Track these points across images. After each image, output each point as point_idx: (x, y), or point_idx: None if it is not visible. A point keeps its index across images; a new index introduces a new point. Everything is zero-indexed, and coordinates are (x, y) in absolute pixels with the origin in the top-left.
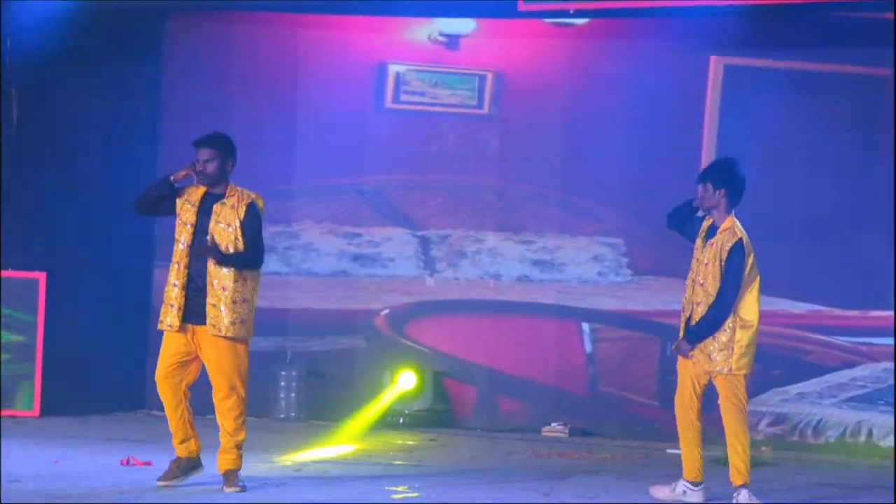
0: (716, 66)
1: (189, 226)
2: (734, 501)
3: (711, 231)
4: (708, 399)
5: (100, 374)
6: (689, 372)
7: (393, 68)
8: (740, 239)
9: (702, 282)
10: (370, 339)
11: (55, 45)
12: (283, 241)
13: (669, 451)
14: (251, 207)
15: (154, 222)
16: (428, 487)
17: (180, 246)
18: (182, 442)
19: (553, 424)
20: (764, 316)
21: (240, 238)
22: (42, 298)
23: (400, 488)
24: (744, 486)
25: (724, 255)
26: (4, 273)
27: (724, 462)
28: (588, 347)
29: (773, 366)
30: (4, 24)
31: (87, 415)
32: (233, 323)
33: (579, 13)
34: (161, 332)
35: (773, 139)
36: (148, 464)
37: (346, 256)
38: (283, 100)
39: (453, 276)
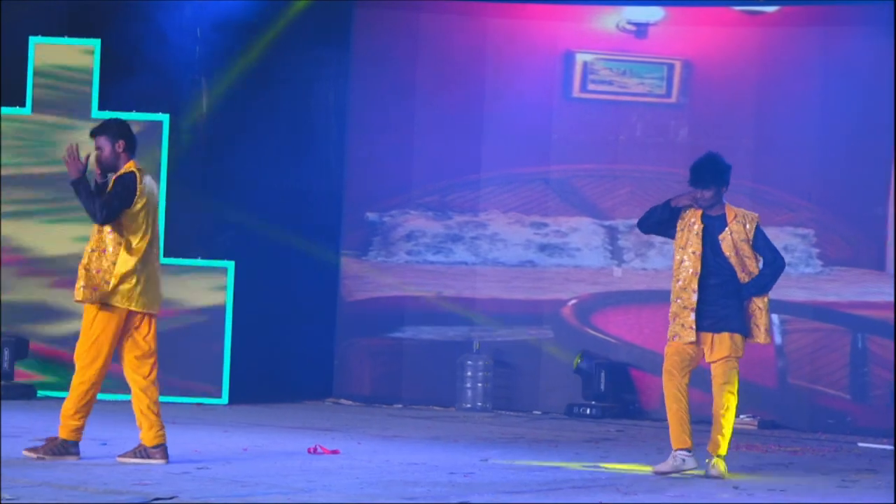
0: None
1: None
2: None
3: (713, 222)
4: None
5: (288, 363)
6: (687, 356)
7: (580, 57)
8: (758, 219)
9: (741, 269)
10: (557, 330)
11: (244, 34)
12: (470, 230)
13: (861, 444)
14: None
15: (342, 211)
16: (615, 478)
17: None
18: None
19: (742, 416)
20: None
21: None
22: (231, 287)
23: (586, 479)
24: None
25: (752, 234)
26: (195, 261)
27: None
28: (778, 339)
29: None
30: (195, 16)
31: (275, 403)
32: None
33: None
34: None
35: None
36: (335, 452)
37: (533, 246)
38: (470, 89)
39: (641, 267)
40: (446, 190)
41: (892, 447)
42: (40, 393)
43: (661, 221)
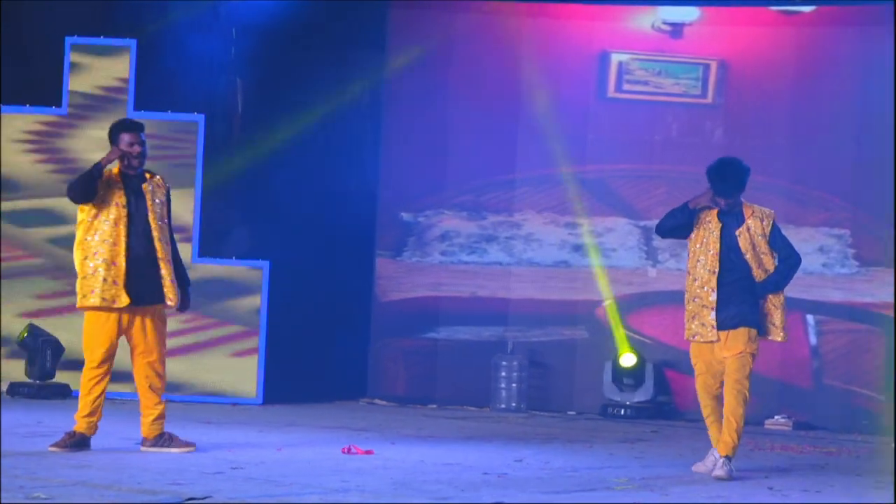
0: None
1: None
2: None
3: (729, 220)
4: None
5: (322, 363)
6: (712, 356)
7: (616, 57)
8: (774, 215)
9: (758, 265)
10: (592, 330)
11: (278, 35)
12: (505, 230)
13: None
14: None
15: (377, 210)
16: (650, 479)
17: None
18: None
19: (776, 417)
20: None
21: None
22: (266, 288)
23: (621, 479)
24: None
25: (769, 230)
26: (230, 262)
27: None
28: (813, 340)
29: None
30: (230, 17)
31: (309, 403)
32: None
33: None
34: None
35: None
36: (369, 452)
37: (568, 246)
38: (505, 89)
39: (676, 267)
40: (481, 190)
41: None
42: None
43: (680, 225)
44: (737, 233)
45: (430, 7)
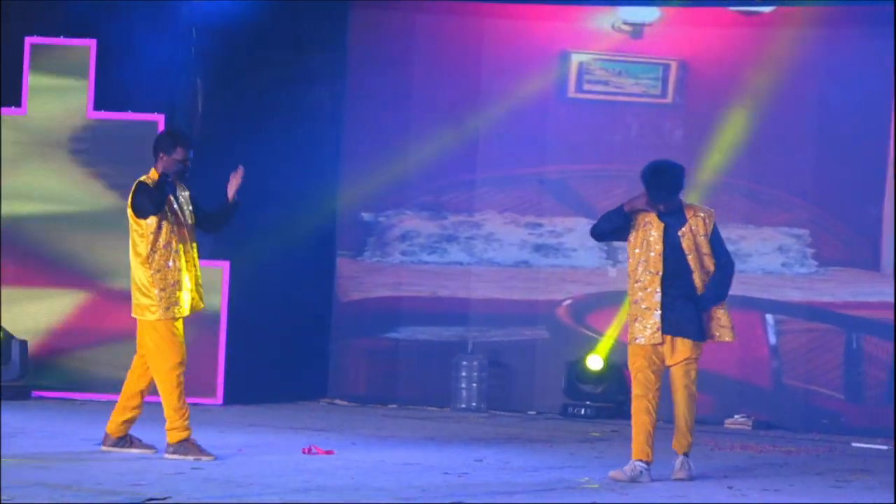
0: None
1: None
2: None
3: (671, 220)
4: None
5: (283, 363)
6: (654, 354)
7: (576, 57)
8: (714, 214)
9: (699, 266)
10: (552, 330)
11: (239, 35)
12: (465, 230)
13: (855, 444)
14: None
15: (337, 212)
16: (610, 479)
17: None
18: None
19: (736, 416)
20: None
21: None
22: (226, 288)
23: (582, 479)
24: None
25: (710, 230)
26: None
27: None
28: (772, 339)
29: None
30: (190, 17)
31: (270, 403)
32: None
33: (767, 0)
34: None
35: None
36: (330, 452)
37: (528, 247)
38: (466, 89)
39: None
40: (441, 190)
41: (886, 447)
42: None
43: (618, 228)
44: (679, 233)
45: (391, 7)
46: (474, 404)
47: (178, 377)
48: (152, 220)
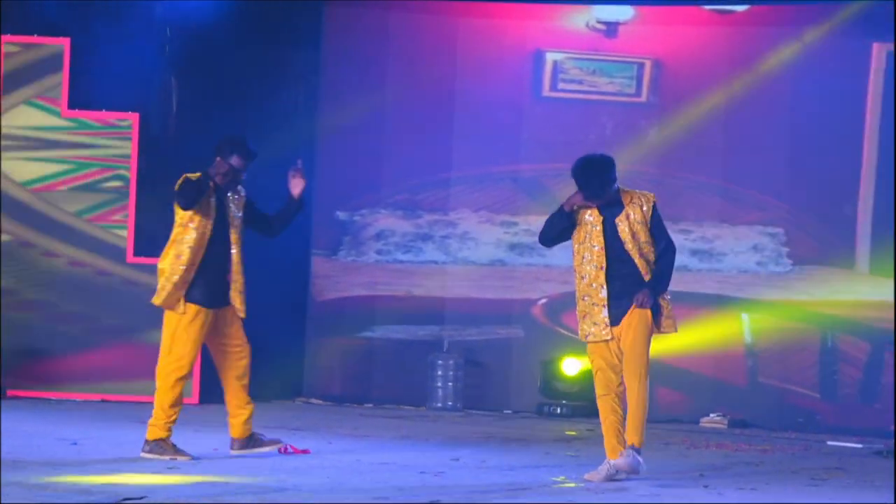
0: (878, 53)
1: None
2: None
3: (609, 211)
4: None
5: (258, 362)
6: (609, 352)
7: (550, 56)
8: (654, 199)
9: (639, 254)
10: (527, 329)
11: (213, 34)
12: (441, 229)
13: (830, 442)
14: None
15: (312, 211)
16: (585, 480)
17: None
18: None
19: (711, 415)
20: None
21: None
22: None
23: (559, 478)
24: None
25: (650, 216)
26: None
27: (885, 455)
28: (747, 338)
29: None
30: (164, 14)
31: None
32: None
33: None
34: None
35: None
36: (305, 452)
37: (503, 245)
38: (441, 88)
39: None
40: (416, 189)
41: (860, 445)
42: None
43: (564, 229)
44: (617, 220)
45: (365, 5)
46: (450, 403)
47: (177, 380)
48: (187, 213)
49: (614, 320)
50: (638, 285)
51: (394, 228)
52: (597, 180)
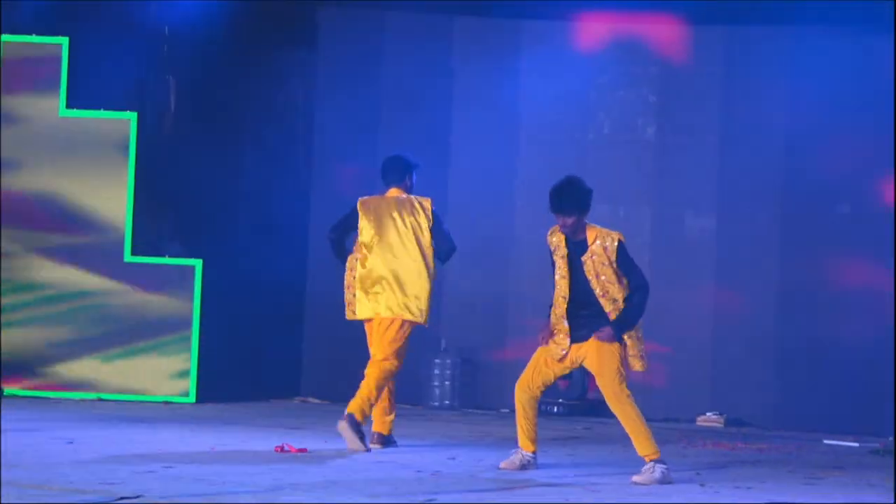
0: None
1: None
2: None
3: (575, 247)
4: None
5: (256, 361)
6: (553, 363)
7: None
8: (620, 237)
9: (602, 293)
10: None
11: (212, 33)
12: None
13: (827, 441)
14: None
15: (309, 209)
16: (582, 476)
17: None
18: None
19: (708, 414)
20: None
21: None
22: (199, 285)
23: (553, 477)
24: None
25: (614, 256)
26: (162, 259)
27: (882, 453)
28: (744, 336)
29: None
30: (162, 15)
31: (242, 401)
32: None
33: None
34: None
35: None
36: (303, 450)
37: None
38: (438, 85)
39: None
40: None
41: (857, 444)
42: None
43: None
44: (582, 258)
45: (361, 5)
46: (447, 402)
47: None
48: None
49: (575, 340)
50: (600, 321)
51: None
52: (570, 199)
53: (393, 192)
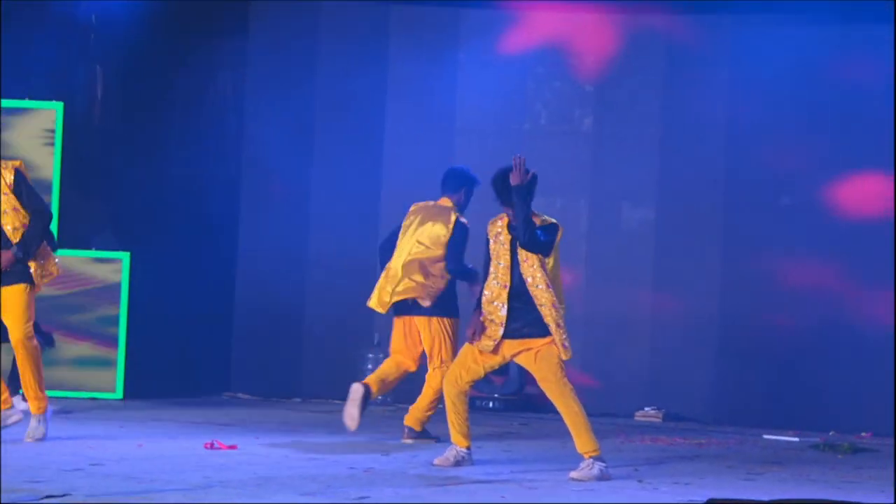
0: None
1: None
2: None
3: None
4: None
5: (184, 357)
6: (480, 356)
7: None
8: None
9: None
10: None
11: (140, 23)
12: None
13: (766, 436)
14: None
15: (239, 203)
16: (518, 472)
17: None
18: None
19: (646, 409)
20: None
21: None
22: (126, 279)
23: (489, 473)
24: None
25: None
26: (88, 252)
27: (822, 448)
28: (683, 330)
29: None
30: (89, 4)
31: (171, 398)
32: None
33: None
34: None
35: None
36: (232, 447)
37: None
38: (372, 76)
39: None
40: (346, 178)
41: (797, 439)
42: None
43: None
44: (519, 248)
45: None
46: (380, 397)
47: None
48: None
49: (509, 335)
50: (531, 313)
51: None
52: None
53: (443, 201)
